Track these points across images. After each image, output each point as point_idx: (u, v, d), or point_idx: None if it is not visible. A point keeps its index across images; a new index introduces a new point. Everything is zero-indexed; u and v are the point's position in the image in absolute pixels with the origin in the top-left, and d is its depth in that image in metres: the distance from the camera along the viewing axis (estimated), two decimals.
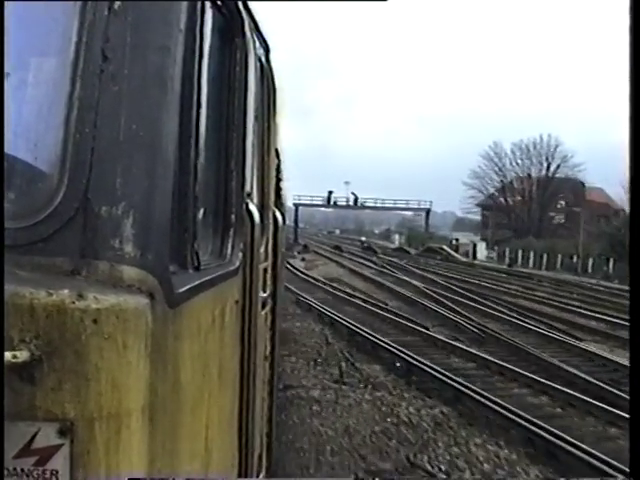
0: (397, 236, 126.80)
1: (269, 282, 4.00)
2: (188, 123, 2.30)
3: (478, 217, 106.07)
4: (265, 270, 3.76)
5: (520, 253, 71.06)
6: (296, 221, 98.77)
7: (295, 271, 41.58)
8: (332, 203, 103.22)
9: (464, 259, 69.68)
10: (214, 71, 2.67)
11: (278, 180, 5.42)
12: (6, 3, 1.96)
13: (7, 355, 1.70)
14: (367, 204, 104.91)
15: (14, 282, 1.76)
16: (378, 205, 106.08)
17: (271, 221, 4.11)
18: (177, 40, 2.14)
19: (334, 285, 33.77)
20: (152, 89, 2.05)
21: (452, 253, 73.85)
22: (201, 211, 2.49)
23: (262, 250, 3.40)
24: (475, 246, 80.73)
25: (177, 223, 2.23)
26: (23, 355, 1.72)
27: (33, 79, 2.11)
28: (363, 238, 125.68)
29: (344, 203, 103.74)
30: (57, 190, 1.92)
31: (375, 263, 53.35)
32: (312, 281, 35.78)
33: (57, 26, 2.09)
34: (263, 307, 3.61)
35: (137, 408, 1.84)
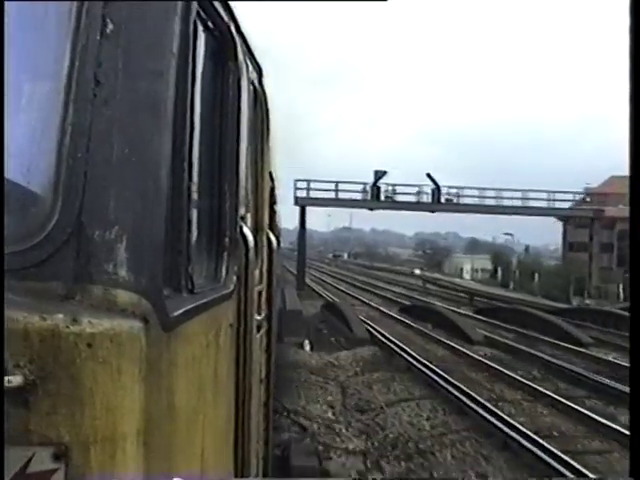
0: (468, 267, 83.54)
1: (264, 305, 4.00)
2: (181, 147, 2.31)
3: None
4: (260, 293, 3.76)
5: None
6: (301, 240, 54.63)
7: None
8: (384, 199, 52.73)
9: None
10: (207, 95, 2.68)
11: (272, 203, 5.43)
12: (6, 4, 1.97)
13: None
14: (465, 201, 53.74)
15: (8, 307, 1.75)
16: (495, 203, 53.97)
17: (265, 244, 4.11)
18: (170, 64, 2.15)
19: None
20: (145, 113, 2.05)
21: None
22: (195, 234, 2.49)
23: (257, 273, 3.40)
24: None
25: (171, 246, 2.22)
26: (17, 380, 1.71)
27: (25, 103, 2.11)
28: (417, 271, 78.00)
29: (412, 199, 53.08)
30: (50, 214, 1.91)
31: None
32: None
33: (49, 50, 2.09)
34: (258, 330, 3.61)
35: (132, 432, 1.83)
